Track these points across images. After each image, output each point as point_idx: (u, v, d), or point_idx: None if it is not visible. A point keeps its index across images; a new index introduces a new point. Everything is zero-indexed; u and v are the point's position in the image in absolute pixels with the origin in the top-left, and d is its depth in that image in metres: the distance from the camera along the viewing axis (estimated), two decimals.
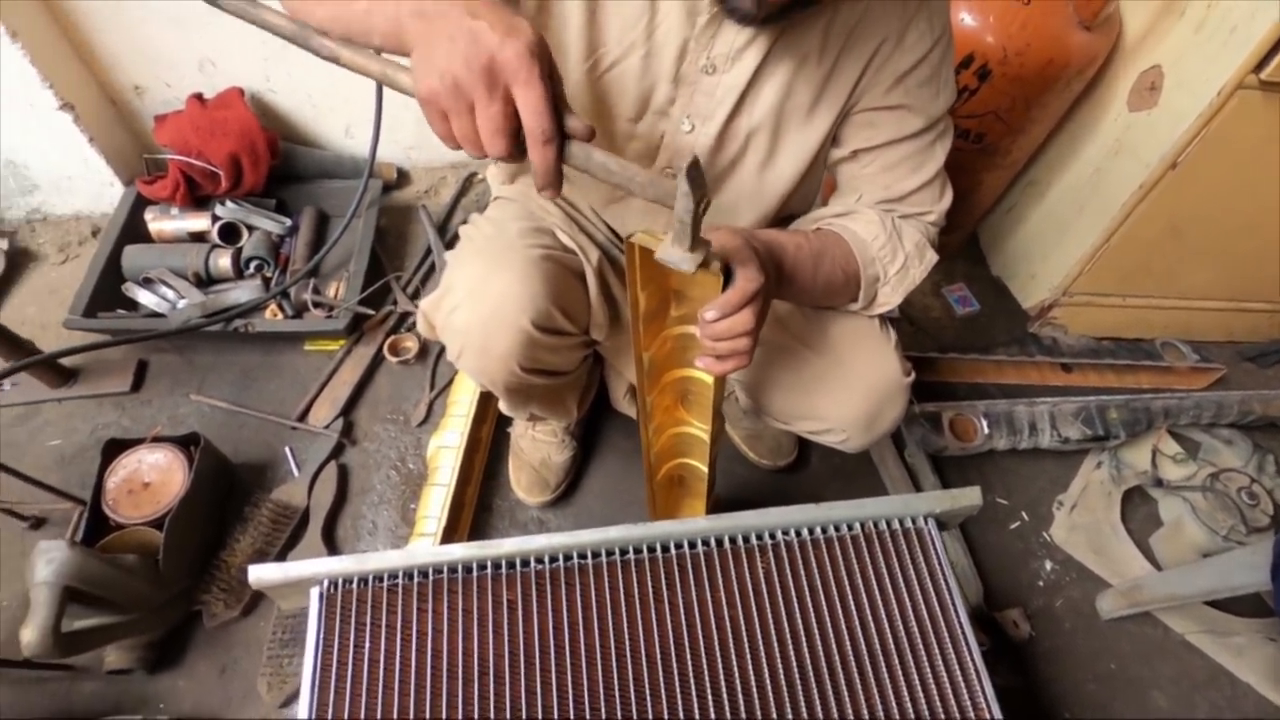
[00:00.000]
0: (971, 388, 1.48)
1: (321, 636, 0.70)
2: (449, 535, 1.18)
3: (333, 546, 1.22)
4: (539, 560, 0.75)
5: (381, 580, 0.72)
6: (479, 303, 0.77)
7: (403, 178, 1.72)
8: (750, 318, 0.62)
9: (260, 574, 0.71)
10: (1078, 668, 1.19)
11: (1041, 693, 1.16)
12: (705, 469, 0.98)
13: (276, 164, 1.51)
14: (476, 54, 0.48)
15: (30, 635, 0.88)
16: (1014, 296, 1.63)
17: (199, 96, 1.45)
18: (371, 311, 1.42)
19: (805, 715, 0.70)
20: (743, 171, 0.82)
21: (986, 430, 1.33)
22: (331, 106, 1.57)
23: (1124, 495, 1.33)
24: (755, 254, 0.63)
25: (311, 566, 0.72)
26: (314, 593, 0.72)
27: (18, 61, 1.25)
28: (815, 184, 0.91)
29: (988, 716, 0.71)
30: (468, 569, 0.74)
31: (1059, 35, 1.17)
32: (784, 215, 0.90)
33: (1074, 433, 1.34)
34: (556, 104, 0.51)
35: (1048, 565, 1.29)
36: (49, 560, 0.91)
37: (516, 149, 0.52)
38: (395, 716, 0.66)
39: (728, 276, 0.61)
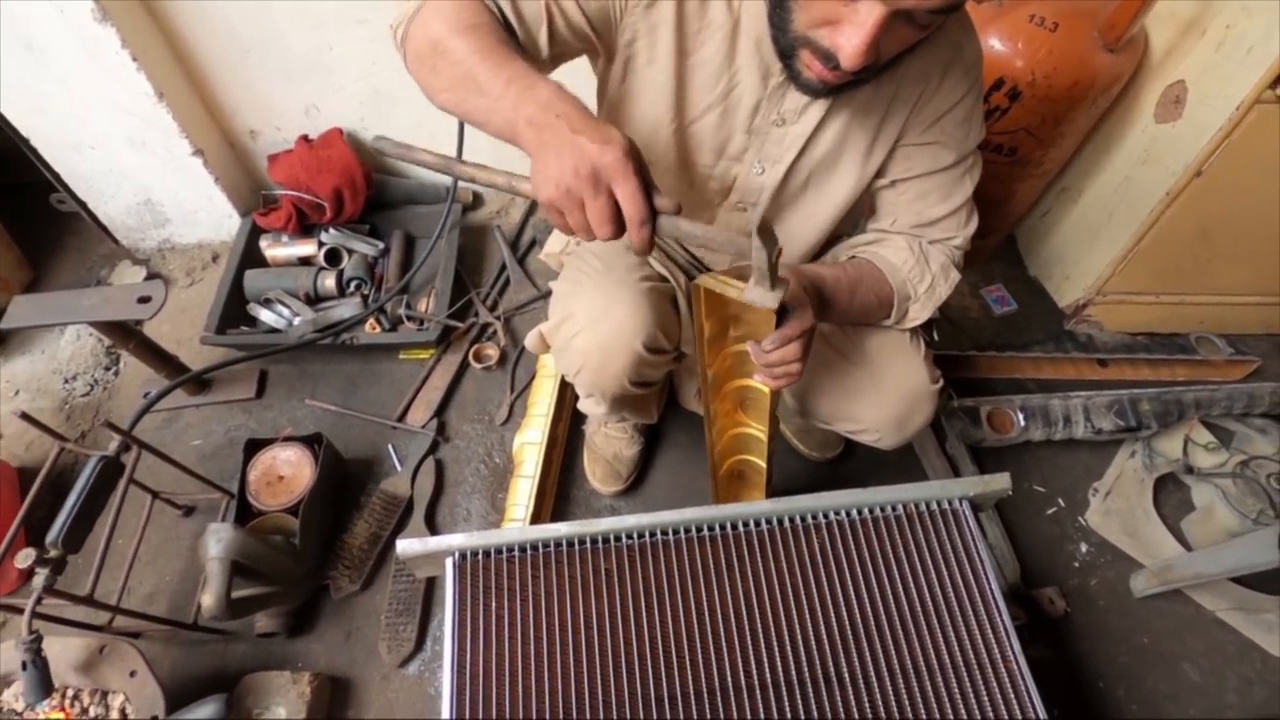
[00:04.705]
0: (1010, 383, 1.58)
1: (456, 597, 0.86)
2: (534, 521, 1.33)
3: (434, 531, 1.39)
4: (629, 536, 0.88)
5: (502, 553, 0.87)
6: (598, 330, 0.91)
7: (477, 200, 1.90)
8: (799, 349, 0.76)
9: (406, 547, 0.87)
10: (1111, 642, 1.28)
11: (1076, 665, 1.26)
12: (762, 463, 1.12)
13: (371, 194, 1.70)
14: (582, 163, 0.59)
15: (208, 601, 1.06)
16: (1050, 296, 1.71)
17: (306, 138, 1.65)
18: (459, 324, 1.60)
19: (858, 666, 0.83)
20: (804, 203, 0.95)
21: (1023, 423, 1.43)
22: (416, 141, 1.72)
23: (1157, 482, 1.42)
24: (806, 295, 0.76)
25: (446, 541, 0.87)
26: (448, 562, 0.88)
27: (163, 117, 1.47)
28: (860, 209, 1.04)
29: (1016, 668, 0.83)
30: (570, 543, 0.88)
31: (1084, 58, 1.27)
32: (835, 235, 1.03)
33: (1107, 424, 1.43)
34: (647, 190, 0.61)
35: (1083, 548, 1.38)
36: (219, 539, 1.09)
37: (619, 231, 0.63)
38: (520, 661, 0.82)
39: (781, 313, 0.75)
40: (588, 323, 0.92)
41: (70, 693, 1.07)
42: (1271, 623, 1.28)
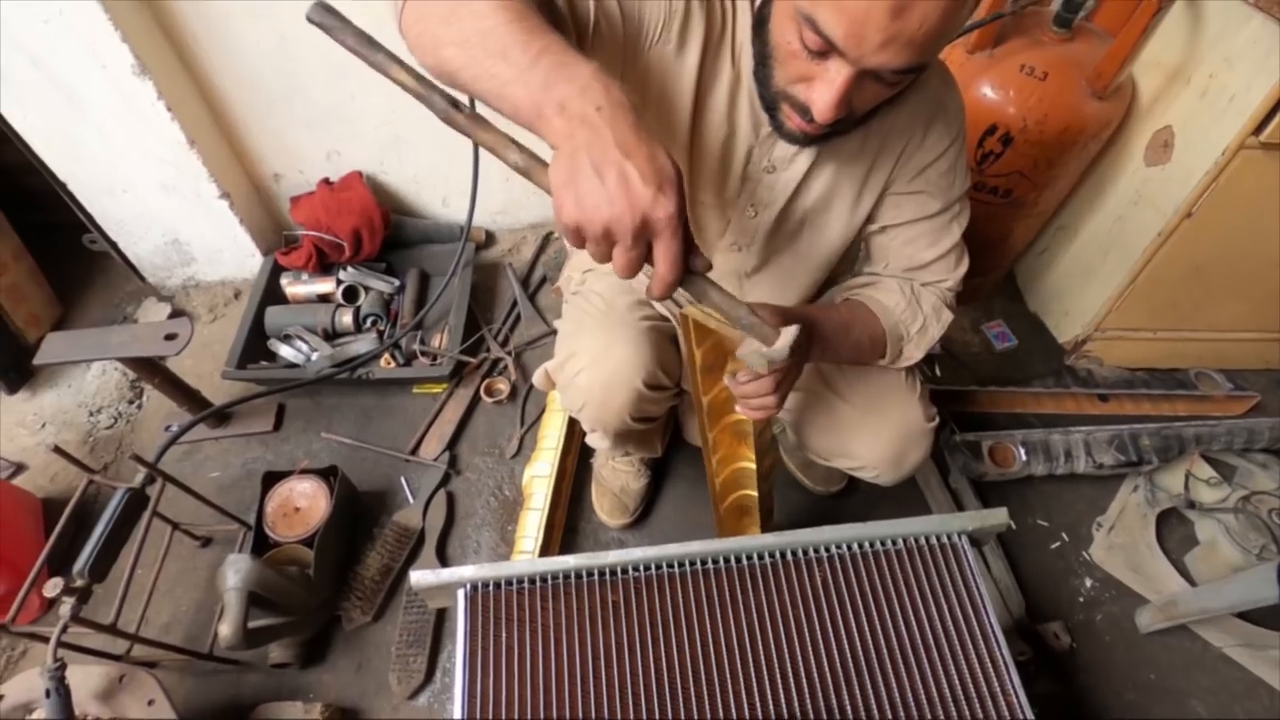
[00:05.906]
0: (1011, 418, 1.60)
1: (468, 627, 0.88)
2: (543, 553, 1.36)
3: (445, 563, 1.42)
4: (636, 569, 0.91)
5: (513, 584, 0.90)
6: (600, 368, 0.96)
7: (490, 239, 1.96)
8: (771, 384, 0.78)
9: (419, 578, 0.90)
10: (1118, 678, 1.28)
11: (1082, 700, 1.25)
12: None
13: (388, 234, 1.76)
14: (630, 209, 0.51)
15: (226, 630, 1.09)
16: (1050, 331, 1.74)
17: (327, 180, 1.72)
18: (471, 359, 1.64)
19: (859, 698, 0.84)
20: (798, 246, 0.99)
21: (1024, 457, 1.45)
22: (432, 183, 1.82)
23: (1160, 517, 1.43)
24: None
25: (458, 573, 0.90)
26: (460, 593, 0.90)
27: (193, 164, 1.55)
28: (856, 251, 1.08)
29: (1015, 700, 0.84)
30: (579, 575, 0.90)
31: (1074, 106, 1.32)
32: (830, 278, 1.07)
33: (1108, 459, 1.44)
34: (687, 250, 0.56)
35: (1087, 582, 1.39)
36: (237, 570, 1.13)
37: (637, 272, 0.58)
38: (529, 691, 0.84)
39: None
40: (590, 361, 0.97)
41: None
42: (1278, 659, 1.27)
